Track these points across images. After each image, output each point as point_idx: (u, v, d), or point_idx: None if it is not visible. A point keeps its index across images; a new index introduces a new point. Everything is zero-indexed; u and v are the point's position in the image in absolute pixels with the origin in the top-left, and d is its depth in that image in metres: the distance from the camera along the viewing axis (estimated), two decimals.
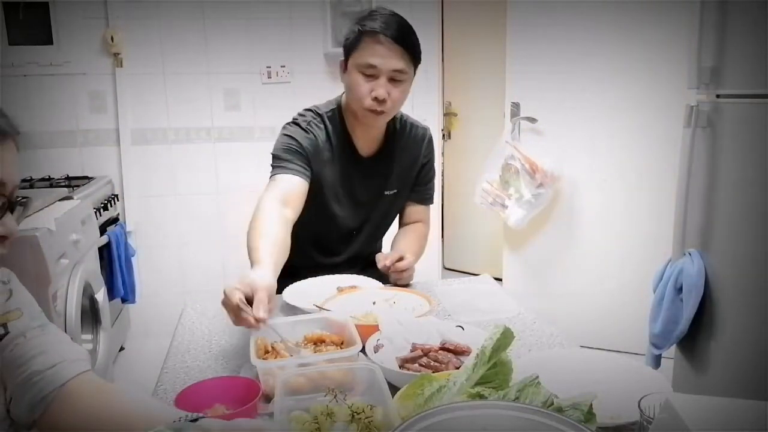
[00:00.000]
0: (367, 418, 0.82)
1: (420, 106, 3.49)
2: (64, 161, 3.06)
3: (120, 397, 0.86)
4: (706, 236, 1.85)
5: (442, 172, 4.07)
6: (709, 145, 1.81)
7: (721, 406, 0.62)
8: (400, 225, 1.80)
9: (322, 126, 1.58)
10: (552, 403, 0.78)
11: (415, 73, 1.55)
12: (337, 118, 1.59)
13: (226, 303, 1.08)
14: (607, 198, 2.88)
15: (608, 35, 2.76)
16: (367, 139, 1.62)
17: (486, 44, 3.78)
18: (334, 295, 1.35)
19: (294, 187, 1.47)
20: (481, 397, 0.83)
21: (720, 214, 1.79)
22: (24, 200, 0.81)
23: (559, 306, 2.97)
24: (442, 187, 4.00)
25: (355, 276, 1.54)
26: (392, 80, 1.47)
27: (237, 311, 1.06)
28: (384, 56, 1.45)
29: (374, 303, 1.32)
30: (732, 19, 1.71)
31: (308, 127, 1.56)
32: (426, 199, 1.78)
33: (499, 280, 2.90)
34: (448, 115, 4.15)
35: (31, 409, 0.84)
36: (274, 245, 1.27)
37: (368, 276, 1.54)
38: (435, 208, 3.66)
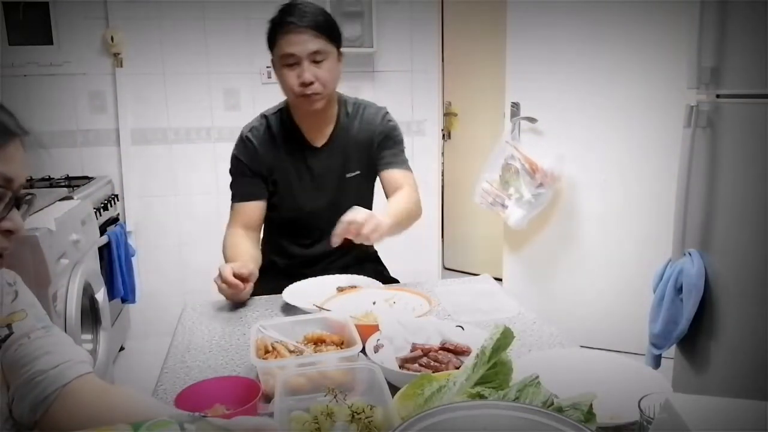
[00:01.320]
0: (367, 418, 0.82)
1: (420, 106, 3.50)
2: (64, 161, 3.06)
3: (121, 398, 0.86)
4: (706, 236, 1.85)
5: (442, 172, 4.07)
6: (709, 145, 1.81)
7: (721, 406, 0.62)
8: (388, 197, 1.72)
9: (263, 128, 1.67)
10: (552, 403, 0.78)
11: (340, 52, 1.60)
12: (285, 115, 1.68)
13: (222, 277, 1.40)
14: (607, 198, 2.88)
15: (608, 35, 2.76)
16: (316, 129, 1.67)
17: (486, 44, 3.78)
18: (334, 295, 1.35)
19: (251, 212, 1.67)
20: (481, 397, 0.83)
21: (720, 214, 1.79)
22: (29, 197, 0.82)
23: (559, 306, 2.97)
24: (443, 187, 4.00)
25: (355, 276, 1.54)
26: (315, 62, 1.53)
27: (229, 278, 1.39)
28: (298, 42, 1.51)
29: (374, 303, 1.32)
30: (732, 19, 1.71)
31: (248, 134, 1.68)
32: (397, 163, 1.71)
33: (499, 280, 2.90)
34: (448, 115, 4.15)
35: (33, 409, 0.84)
36: (246, 252, 1.57)
37: (367, 275, 1.54)
38: (435, 208, 3.68)
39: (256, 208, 1.68)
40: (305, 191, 1.68)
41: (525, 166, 2.83)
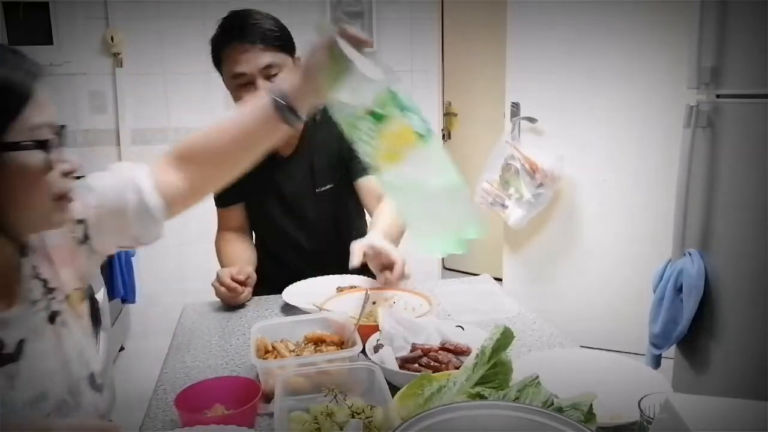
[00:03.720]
0: (367, 418, 0.82)
1: (420, 106, 3.48)
2: None
3: None
4: (706, 236, 1.85)
5: None
6: (709, 145, 1.81)
7: (721, 406, 0.62)
8: (369, 210, 1.62)
9: None
10: (552, 403, 0.78)
11: (296, 59, 1.46)
12: None
13: (220, 280, 1.40)
14: (607, 198, 2.88)
15: (608, 35, 2.76)
16: (283, 140, 1.56)
17: (486, 44, 3.78)
18: (334, 295, 1.35)
19: (233, 217, 1.66)
20: (481, 397, 0.83)
21: (720, 214, 1.79)
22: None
23: (559, 306, 2.97)
24: None
25: (355, 276, 1.54)
26: (268, 77, 1.41)
27: (227, 282, 1.39)
28: (245, 60, 1.39)
29: (374, 303, 1.32)
30: (732, 19, 1.71)
31: None
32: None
33: (499, 280, 2.90)
34: (448, 115, 4.15)
35: None
36: (241, 256, 1.56)
37: (366, 277, 1.54)
38: None
39: (237, 213, 1.64)
40: (275, 200, 1.59)
41: (525, 166, 2.83)
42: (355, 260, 1.30)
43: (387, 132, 0.77)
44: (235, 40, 1.40)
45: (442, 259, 4.04)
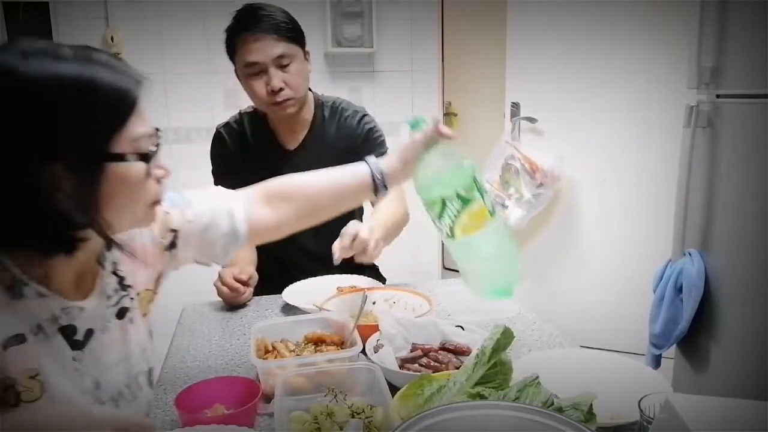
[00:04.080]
0: (367, 418, 0.82)
1: (420, 106, 3.50)
2: None
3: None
4: (706, 236, 1.85)
5: None
6: (709, 145, 1.81)
7: (721, 406, 0.62)
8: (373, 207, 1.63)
9: (238, 126, 1.63)
10: (552, 403, 0.78)
11: (306, 52, 1.53)
12: (258, 114, 1.60)
13: (222, 280, 1.42)
14: (607, 198, 2.88)
15: (608, 35, 2.76)
16: (289, 131, 1.60)
17: (486, 44, 3.78)
18: (334, 295, 1.35)
19: None
20: (481, 397, 0.83)
21: (720, 214, 1.79)
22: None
23: (559, 306, 2.97)
24: None
25: (355, 276, 1.54)
26: (280, 67, 1.46)
27: (230, 282, 1.41)
28: (259, 49, 1.44)
29: (374, 303, 1.32)
30: (732, 19, 1.71)
31: (222, 130, 1.64)
32: None
33: None
34: (448, 115, 4.14)
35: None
36: (242, 256, 1.50)
37: (366, 276, 1.54)
38: None
39: None
40: None
41: (525, 166, 2.83)
42: (335, 258, 1.27)
43: (469, 211, 0.93)
44: (249, 30, 1.44)
45: (442, 259, 4.05)
